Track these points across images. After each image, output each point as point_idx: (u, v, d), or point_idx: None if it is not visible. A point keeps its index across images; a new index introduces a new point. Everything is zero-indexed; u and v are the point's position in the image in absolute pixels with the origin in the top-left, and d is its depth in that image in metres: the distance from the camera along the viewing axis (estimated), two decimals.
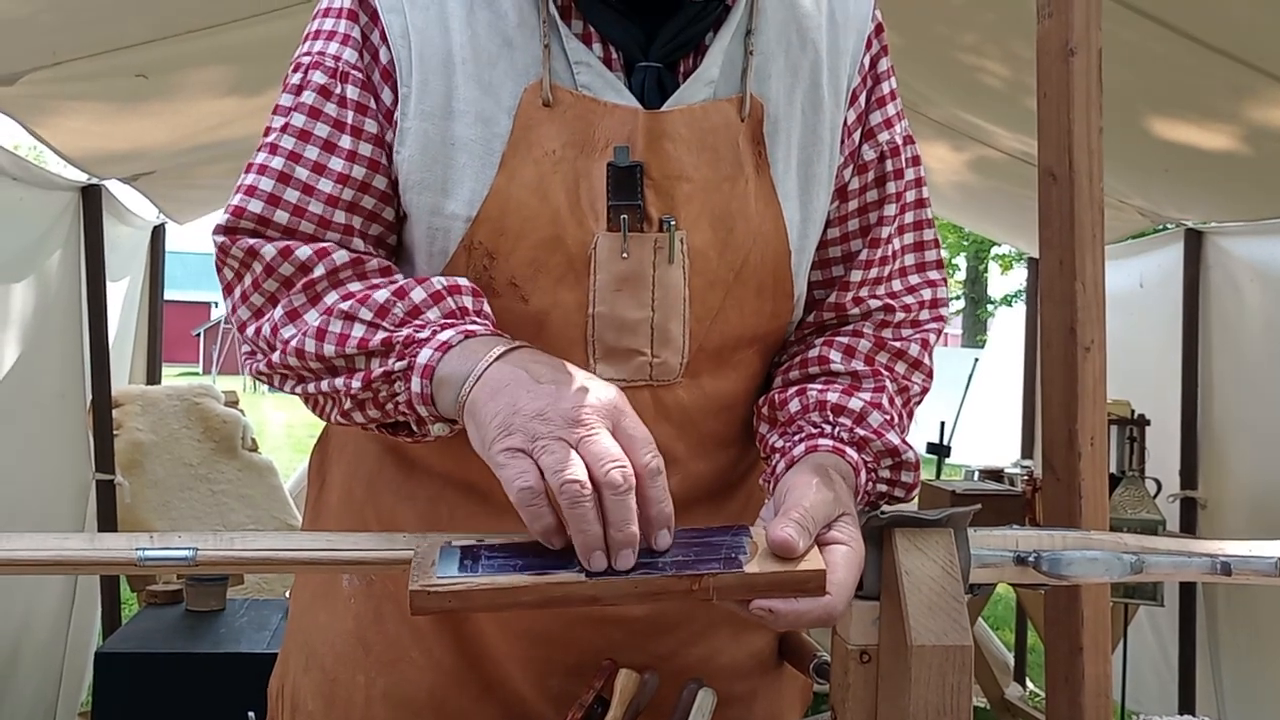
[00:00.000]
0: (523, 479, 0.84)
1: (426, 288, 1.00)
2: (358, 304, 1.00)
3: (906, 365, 1.15)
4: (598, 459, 0.83)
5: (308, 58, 1.06)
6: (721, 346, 1.11)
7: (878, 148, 1.15)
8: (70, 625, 3.66)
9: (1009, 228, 5.28)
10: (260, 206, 1.04)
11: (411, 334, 0.97)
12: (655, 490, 0.85)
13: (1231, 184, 3.43)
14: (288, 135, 1.04)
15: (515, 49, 1.04)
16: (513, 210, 1.03)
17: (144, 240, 4.69)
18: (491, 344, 0.94)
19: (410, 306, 0.99)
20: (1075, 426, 1.26)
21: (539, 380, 0.89)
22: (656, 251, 1.04)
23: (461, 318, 0.99)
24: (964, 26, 3.08)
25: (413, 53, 1.03)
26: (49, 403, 3.44)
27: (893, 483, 1.09)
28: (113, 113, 3.31)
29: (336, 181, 1.04)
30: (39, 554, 0.92)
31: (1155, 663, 4.06)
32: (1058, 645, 1.31)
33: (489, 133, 1.03)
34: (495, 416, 0.87)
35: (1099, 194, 1.27)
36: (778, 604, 0.87)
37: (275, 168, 1.04)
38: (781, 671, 1.26)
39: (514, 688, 1.15)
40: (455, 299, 1.00)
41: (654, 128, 1.03)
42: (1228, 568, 1.02)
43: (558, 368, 0.91)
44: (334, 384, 1.01)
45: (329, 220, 1.04)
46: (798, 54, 1.10)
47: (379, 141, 1.05)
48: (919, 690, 0.90)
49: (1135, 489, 3.23)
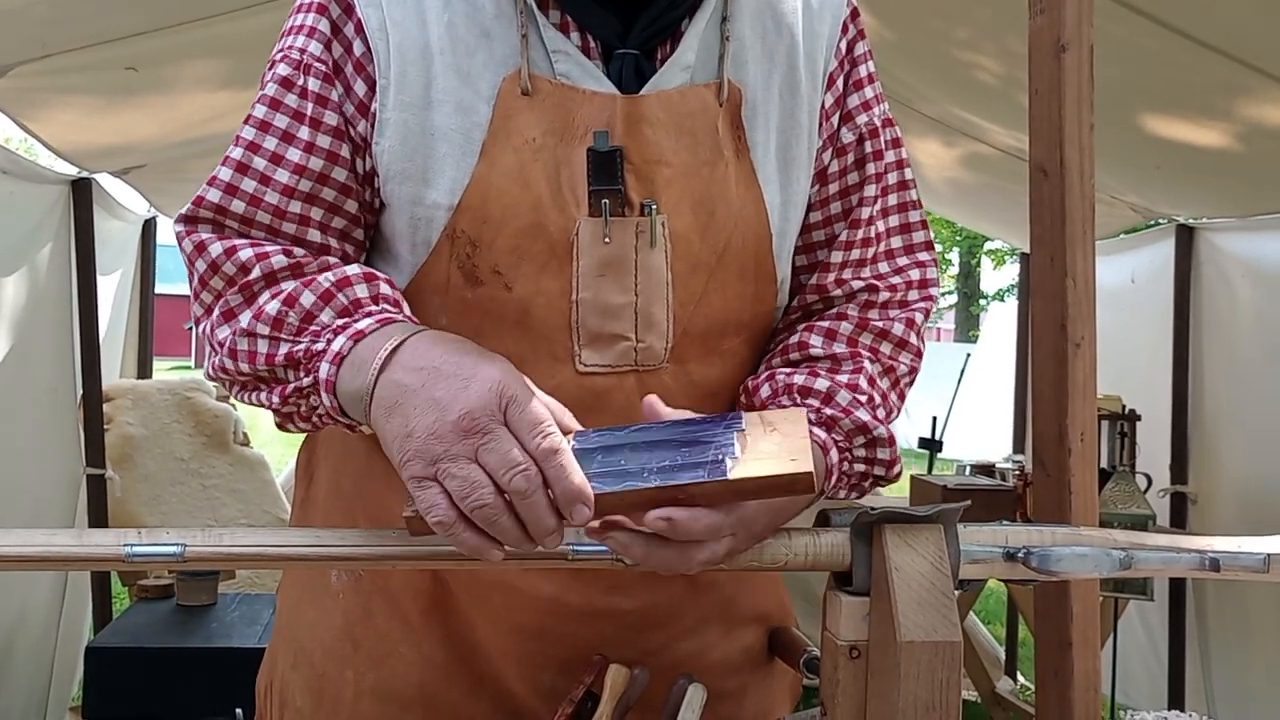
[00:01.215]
0: (435, 511, 0.85)
1: (314, 289, 0.99)
2: (254, 319, 1.00)
3: (891, 345, 1.15)
4: (497, 470, 0.84)
5: (279, 53, 1.07)
6: (707, 332, 1.11)
7: (856, 130, 1.16)
8: (61, 619, 3.65)
9: (1001, 223, 5.29)
10: (218, 196, 1.04)
11: (309, 345, 0.97)
12: (553, 470, 0.84)
13: (1223, 180, 3.44)
14: (248, 126, 1.05)
15: (493, 39, 1.04)
16: (494, 198, 1.03)
17: (135, 234, 4.67)
18: (379, 345, 0.92)
19: (303, 313, 0.98)
20: (1065, 422, 1.26)
21: (425, 387, 0.87)
22: (638, 236, 1.05)
23: (355, 311, 0.98)
24: (957, 22, 3.08)
25: (390, 45, 1.03)
26: (39, 397, 3.43)
27: (869, 460, 1.09)
28: (103, 106, 3.30)
29: (293, 172, 1.04)
30: (27, 550, 0.92)
31: (1145, 657, 4.08)
32: (1047, 640, 1.32)
33: (469, 122, 1.03)
34: (394, 440, 0.88)
35: (1090, 191, 1.27)
36: (676, 513, 0.86)
37: (234, 158, 1.05)
38: (772, 667, 1.26)
39: (504, 683, 1.15)
40: (346, 293, 0.99)
41: (632, 112, 1.04)
42: (1216, 564, 1.02)
43: (440, 364, 0.89)
44: (259, 398, 1.02)
45: (284, 210, 1.04)
46: (774, 39, 1.11)
47: (339, 134, 1.05)
48: (908, 685, 0.91)
49: (1126, 484, 3.24)
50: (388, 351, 0.91)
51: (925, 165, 4.36)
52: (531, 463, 0.84)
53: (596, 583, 1.11)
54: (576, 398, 1.06)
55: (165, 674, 2.83)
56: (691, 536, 0.89)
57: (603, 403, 1.08)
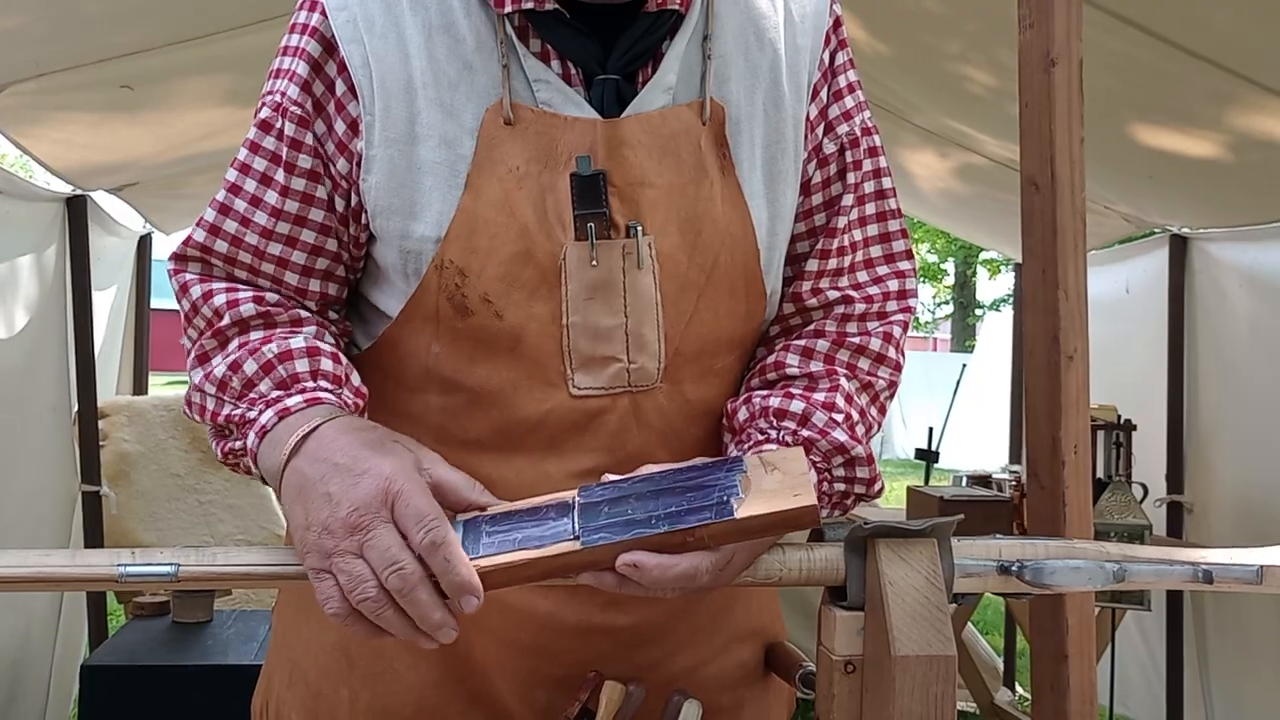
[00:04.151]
0: (330, 604, 0.91)
1: (258, 358, 1.04)
2: (204, 379, 1.06)
3: (870, 360, 1.15)
4: (379, 567, 0.89)
5: (265, 95, 1.10)
6: (700, 351, 1.11)
7: (837, 140, 1.16)
8: (58, 639, 3.64)
9: (995, 234, 5.31)
10: (203, 236, 1.09)
11: (244, 411, 1.02)
12: (438, 564, 0.89)
13: (1216, 190, 3.45)
14: (232, 169, 1.09)
15: (475, 71, 1.05)
16: (481, 228, 1.04)
17: (130, 250, 4.68)
18: (296, 427, 0.97)
19: (244, 380, 1.04)
20: (1059, 434, 1.26)
21: (323, 480, 0.93)
22: (625, 257, 1.05)
23: (290, 386, 1.03)
24: (949, 35, 3.09)
25: (374, 81, 1.04)
26: (35, 414, 3.42)
27: (849, 480, 1.10)
28: (99, 123, 3.30)
29: (270, 215, 1.08)
30: (21, 570, 0.92)
31: (1143, 667, 4.07)
32: (1043, 653, 1.32)
33: (453, 154, 1.04)
34: (296, 531, 0.94)
35: (1081, 203, 1.28)
36: (643, 558, 0.90)
37: (219, 199, 1.09)
38: (768, 681, 1.26)
39: (500, 701, 1.14)
40: (285, 366, 1.04)
41: (612, 136, 1.05)
42: (1209, 576, 1.02)
43: (339, 459, 0.94)
44: (213, 445, 1.08)
45: (263, 251, 1.08)
46: (756, 54, 1.12)
47: (314, 176, 1.07)
48: (903, 700, 0.91)
49: (1122, 494, 3.24)
50: (299, 437, 0.96)
51: (919, 176, 4.38)
52: (411, 558, 0.89)
53: (592, 599, 1.11)
54: (571, 421, 1.08)
55: (161, 691, 2.81)
56: (662, 586, 0.92)
57: (597, 425, 1.08)
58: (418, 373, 1.10)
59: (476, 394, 1.08)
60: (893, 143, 3.96)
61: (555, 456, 1.09)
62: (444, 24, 1.05)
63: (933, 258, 20.61)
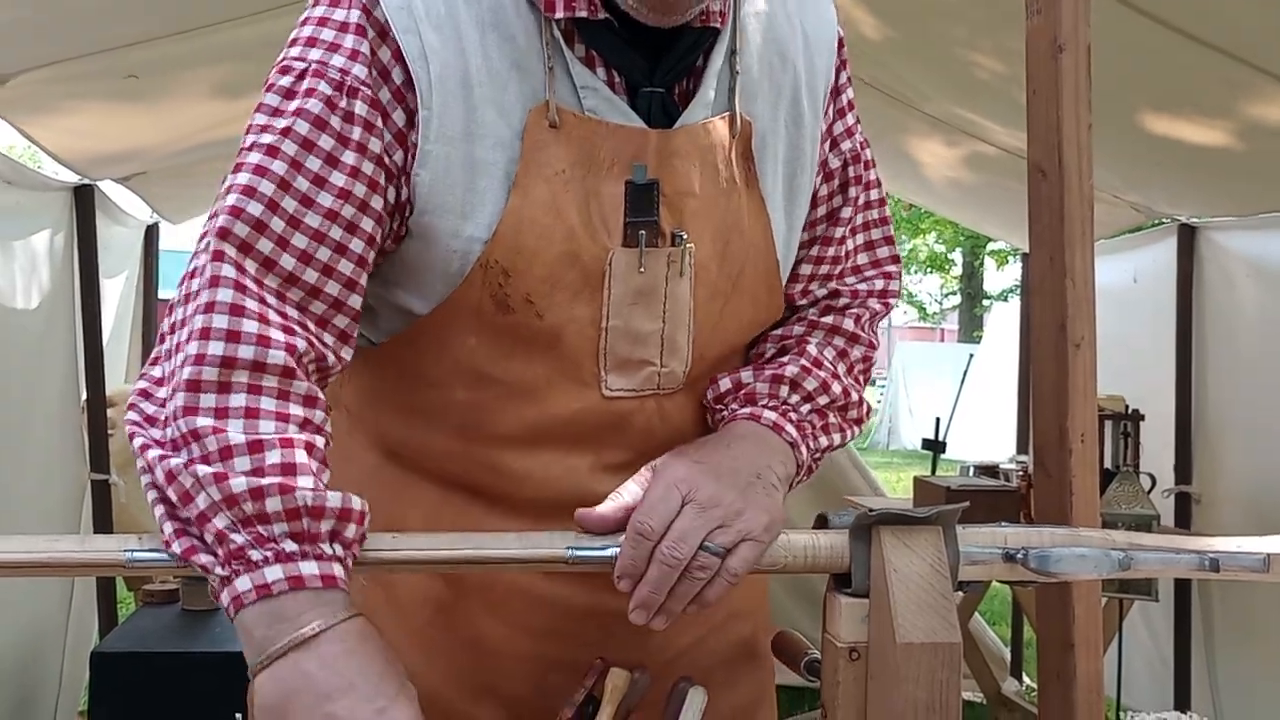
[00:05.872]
0: None
1: (286, 500, 0.90)
2: (212, 477, 0.90)
3: (844, 339, 1.22)
4: None
5: (301, 63, 1.02)
6: (720, 356, 1.17)
7: (841, 155, 1.22)
8: (69, 626, 3.66)
9: (1003, 223, 5.28)
10: (260, 210, 0.98)
11: (243, 546, 0.89)
12: None
13: (1225, 179, 3.43)
14: (289, 141, 0.99)
15: (524, 71, 1.04)
16: (528, 228, 1.04)
17: (138, 240, 4.68)
18: (301, 621, 0.89)
19: (259, 511, 0.90)
20: (1066, 423, 1.26)
21: (304, 709, 0.88)
22: (670, 265, 1.08)
23: (312, 543, 0.91)
24: (956, 21, 3.08)
25: (431, 74, 1.01)
26: (44, 403, 3.44)
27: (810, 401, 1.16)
28: (105, 113, 3.31)
29: (337, 196, 1.00)
30: (30, 556, 0.93)
31: (1150, 658, 4.07)
32: (1049, 642, 1.31)
33: (505, 156, 1.04)
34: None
35: (1089, 191, 1.27)
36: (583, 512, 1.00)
37: (277, 172, 0.98)
38: (760, 660, 1.29)
39: (512, 686, 1.16)
40: (311, 522, 0.91)
41: (664, 147, 1.07)
42: (1216, 564, 1.02)
43: (327, 687, 0.88)
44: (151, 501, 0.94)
45: (324, 235, 1.00)
46: (779, 73, 1.15)
47: (381, 162, 1.02)
48: (907, 687, 0.91)
49: (1129, 484, 3.23)
50: (307, 637, 0.89)
51: (927, 165, 4.36)
52: None
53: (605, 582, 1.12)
54: (601, 420, 1.11)
55: (171, 678, 2.82)
56: (605, 528, 0.98)
57: (625, 424, 1.12)
58: (446, 367, 1.10)
59: (510, 388, 1.09)
60: (901, 131, 3.94)
61: (582, 451, 1.12)
62: (495, 20, 1.04)
63: (940, 248, 20.55)
